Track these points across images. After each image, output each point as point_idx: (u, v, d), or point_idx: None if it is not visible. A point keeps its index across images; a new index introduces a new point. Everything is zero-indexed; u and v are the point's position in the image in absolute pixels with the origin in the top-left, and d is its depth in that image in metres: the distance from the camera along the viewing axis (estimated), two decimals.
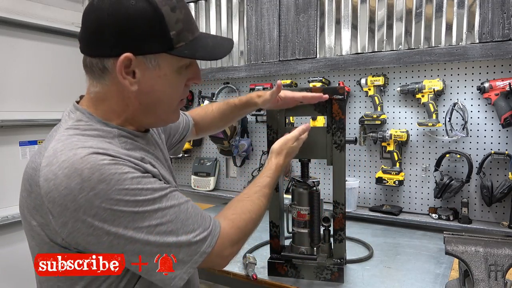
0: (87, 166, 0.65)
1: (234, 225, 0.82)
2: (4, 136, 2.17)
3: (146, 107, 0.79)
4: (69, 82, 2.50)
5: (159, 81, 0.76)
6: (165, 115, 0.83)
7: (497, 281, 0.97)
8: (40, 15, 2.35)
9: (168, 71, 0.76)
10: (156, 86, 0.76)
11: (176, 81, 0.78)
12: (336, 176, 1.23)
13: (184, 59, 0.77)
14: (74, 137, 0.72)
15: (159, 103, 0.79)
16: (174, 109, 0.83)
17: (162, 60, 0.74)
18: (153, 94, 0.77)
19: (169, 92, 0.79)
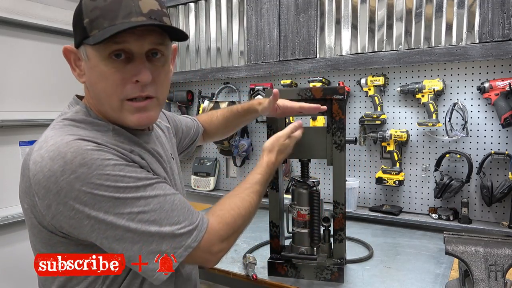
0: (70, 150, 0.67)
1: (222, 221, 0.80)
2: (4, 136, 2.17)
3: (97, 101, 0.78)
4: (69, 82, 2.49)
5: (92, 73, 0.75)
6: (114, 112, 0.77)
7: (497, 281, 0.97)
8: (40, 15, 2.35)
9: (95, 61, 0.73)
10: (91, 78, 0.76)
11: (105, 73, 0.73)
12: (336, 176, 1.23)
13: (107, 48, 0.71)
14: (67, 126, 0.74)
15: (100, 97, 0.76)
16: (118, 107, 0.76)
17: (88, 51, 0.74)
18: (93, 87, 0.77)
19: (102, 86, 0.74)
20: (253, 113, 1.24)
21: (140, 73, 0.73)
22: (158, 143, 0.92)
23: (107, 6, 0.71)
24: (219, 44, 2.36)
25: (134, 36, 0.71)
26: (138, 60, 0.73)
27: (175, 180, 0.95)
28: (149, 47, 0.74)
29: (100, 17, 0.70)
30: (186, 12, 2.46)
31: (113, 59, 0.72)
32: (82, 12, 0.73)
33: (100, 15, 0.70)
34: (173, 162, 0.99)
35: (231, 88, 2.35)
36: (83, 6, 0.73)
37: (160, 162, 0.88)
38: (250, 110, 1.24)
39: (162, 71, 0.79)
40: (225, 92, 2.41)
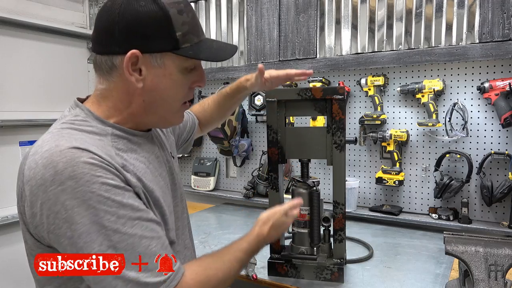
0: (63, 159, 0.66)
1: (196, 278, 0.77)
2: (4, 136, 2.17)
3: (149, 105, 0.80)
4: (69, 82, 2.51)
5: (164, 80, 0.78)
6: (167, 115, 0.84)
7: (497, 281, 0.97)
8: (40, 15, 2.35)
9: (173, 70, 0.78)
10: (161, 84, 0.78)
11: (180, 81, 0.80)
12: (336, 176, 1.23)
13: (189, 61, 0.79)
14: (65, 130, 0.74)
15: (162, 102, 0.80)
16: (176, 110, 0.84)
17: (167, 59, 0.77)
18: (157, 92, 0.79)
19: (172, 92, 0.80)
20: (243, 91, 1.24)
21: (203, 79, 0.85)
22: (157, 142, 0.92)
23: (191, 22, 0.78)
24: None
25: None
26: (201, 69, 0.84)
27: (174, 179, 0.95)
28: None
29: (190, 33, 0.78)
30: None
31: (186, 69, 0.80)
32: (171, 23, 0.75)
33: (189, 30, 0.78)
34: (173, 161, 0.98)
35: None
36: (172, 19, 0.75)
37: (162, 166, 0.89)
38: (240, 89, 1.23)
39: None
40: None
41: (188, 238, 1.00)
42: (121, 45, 0.74)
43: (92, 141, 0.72)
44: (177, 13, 0.76)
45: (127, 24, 0.74)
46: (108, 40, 0.75)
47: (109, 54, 0.76)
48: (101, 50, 0.78)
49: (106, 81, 0.79)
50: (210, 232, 1.77)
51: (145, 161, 0.82)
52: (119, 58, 0.75)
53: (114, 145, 0.77)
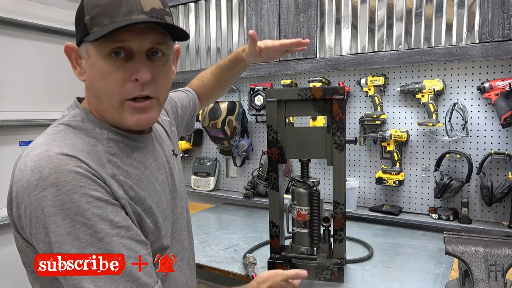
0: (49, 165, 0.65)
1: None
2: (4, 136, 2.17)
3: (96, 100, 0.77)
4: (69, 82, 2.49)
5: (92, 72, 0.74)
6: (114, 112, 0.75)
7: (497, 281, 0.97)
8: (40, 15, 2.35)
9: (95, 59, 0.72)
10: (92, 76, 0.74)
11: (105, 72, 0.72)
12: (336, 176, 1.23)
13: (104, 46, 0.70)
14: (60, 133, 0.73)
15: (100, 95, 0.74)
16: (117, 107, 0.74)
17: (89, 48, 0.73)
18: (93, 85, 0.75)
19: (101, 84, 0.73)
20: (241, 62, 1.21)
21: (140, 71, 0.72)
22: (157, 143, 0.91)
23: (108, 4, 0.70)
24: (219, 44, 2.36)
25: (134, 34, 0.70)
26: (138, 59, 0.72)
27: (174, 180, 0.93)
28: (149, 46, 0.73)
29: (101, 15, 0.70)
30: (186, 12, 2.46)
31: (112, 57, 0.71)
32: (83, 9, 0.72)
33: (101, 12, 0.70)
34: (174, 161, 0.97)
35: (231, 88, 2.35)
36: (84, 3, 0.72)
37: (160, 168, 0.87)
38: (237, 59, 1.21)
39: (163, 70, 0.77)
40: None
41: (186, 238, 0.98)
42: None
43: (84, 147, 0.71)
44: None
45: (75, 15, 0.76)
46: None
47: None
48: None
49: None
50: (210, 232, 1.77)
51: (140, 166, 0.80)
52: None
53: (108, 150, 0.75)
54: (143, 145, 0.84)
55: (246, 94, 2.26)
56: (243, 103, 2.28)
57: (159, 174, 0.86)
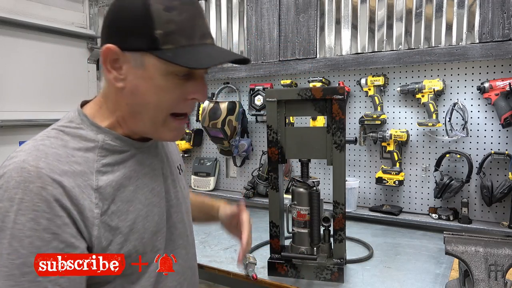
0: (16, 178, 0.62)
1: None
2: (4, 136, 2.17)
3: (132, 110, 0.74)
4: (69, 82, 2.50)
5: (144, 83, 0.71)
6: (153, 126, 0.75)
7: (497, 281, 0.97)
8: (40, 15, 2.35)
9: (155, 74, 0.70)
10: (141, 87, 0.71)
11: (164, 87, 0.71)
12: (336, 176, 1.23)
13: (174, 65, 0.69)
14: (49, 139, 0.70)
15: (144, 108, 0.73)
16: (162, 121, 0.74)
17: (148, 60, 0.69)
18: (138, 96, 0.72)
19: (154, 98, 0.71)
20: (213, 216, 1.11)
21: (200, 92, 0.74)
22: (163, 151, 0.87)
23: (183, 22, 0.69)
24: (219, 44, 2.35)
25: None
26: (200, 80, 0.74)
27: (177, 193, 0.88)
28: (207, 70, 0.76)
29: (177, 33, 0.68)
30: None
31: (175, 75, 0.71)
32: (151, 19, 0.67)
33: (177, 30, 0.68)
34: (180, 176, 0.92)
35: (231, 88, 2.35)
36: (153, 14, 0.67)
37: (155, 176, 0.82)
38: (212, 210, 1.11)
39: None
40: (225, 92, 2.41)
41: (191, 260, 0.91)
42: (105, 39, 0.71)
43: (68, 158, 0.68)
44: (163, 10, 0.67)
45: (110, 17, 0.71)
46: (102, 36, 0.73)
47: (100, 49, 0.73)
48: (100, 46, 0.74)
49: (104, 79, 0.76)
50: (210, 232, 1.77)
51: (133, 176, 0.76)
52: None
53: (99, 159, 0.72)
54: (141, 153, 0.80)
55: (246, 94, 2.26)
56: (243, 103, 2.28)
57: (155, 185, 0.81)
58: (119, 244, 0.71)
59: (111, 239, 0.70)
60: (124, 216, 0.72)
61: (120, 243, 0.71)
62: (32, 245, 0.60)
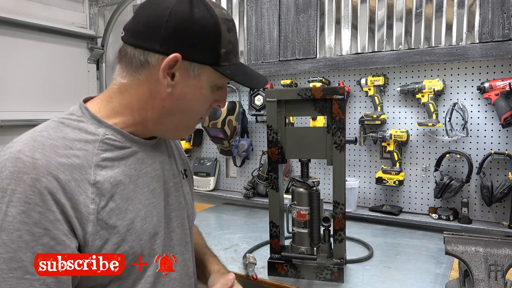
0: (10, 168, 0.61)
1: None
2: (4, 136, 2.17)
3: (167, 112, 0.77)
4: (69, 82, 2.50)
5: (193, 91, 0.76)
6: (181, 127, 0.82)
7: (497, 281, 0.97)
8: (40, 15, 2.35)
9: (205, 84, 0.77)
10: (189, 95, 0.77)
11: (207, 96, 0.79)
12: (336, 176, 1.23)
13: (221, 79, 0.78)
14: (47, 130, 0.69)
15: (183, 112, 0.78)
16: (192, 124, 0.84)
17: (204, 72, 0.76)
18: (183, 101, 0.77)
19: (197, 105, 0.79)
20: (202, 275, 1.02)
21: (224, 101, 0.85)
22: (166, 152, 0.87)
23: (234, 42, 0.79)
24: None
25: None
26: (225, 90, 0.84)
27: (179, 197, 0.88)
28: None
29: (231, 52, 0.77)
30: None
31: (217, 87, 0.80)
32: (219, 38, 0.75)
33: (231, 50, 0.77)
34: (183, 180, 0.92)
35: (231, 88, 2.35)
36: (221, 34, 0.75)
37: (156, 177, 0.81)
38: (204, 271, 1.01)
39: None
40: None
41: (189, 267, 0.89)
42: (163, 44, 0.71)
43: (66, 151, 0.67)
44: (227, 31, 0.75)
45: (177, 25, 0.71)
46: (150, 36, 0.72)
47: (146, 49, 0.73)
48: (138, 43, 0.73)
49: (130, 76, 0.75)
50: (210, 232, 1.77)
51: (133, 174, 0.75)
52: (156, 57, 0.72)
53: (99, 153, 0.71)
54: (144, 151, 0.80)
55: (246, 94, 2.26)
56: (243, 103, 2.28)
57: (157, 185, 0.81)
58: (116, 244, 0.70)
59: (108, 238, 0.69)
60: (122, 215, 0.71)
61: (117, 242, 0.70)
62: (21, 239, 0.59)
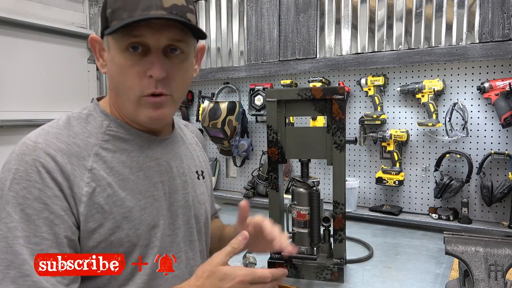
0: (17, 151, 0.68)
1: None
2: (4, 136, 2.17)
3: (114, 94, 0.78)
4: (69, 82, 2.50)
5: (111, 64, 0.74)
6: (129, 108, 0.76)
7: (497, 281, 0.97)
8: (40, 15, 2.35)
9: (114, 53, 0.73)
10: (111, 70, 0.75)
11: (122, 66, 0.72)
12: (336, 176, 1.23)
13: (122, 40, 0.70)
14: (57, 122, 0.75)
15: (117, 89, 0.76)
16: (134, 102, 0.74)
17: (109, 41, 0.74)
18: (113, 79, 0.76)
19: (119, 78, 0.74)
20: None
21: (153, 67, 0.71)
22: (182, 152, 0.88)
23: None
24: (219, 44, 2.36)
25: (151, 30, 0.70)
26: (154, 55, 0.72)
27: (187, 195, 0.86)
28: (166, 43, 0.72)
29: (121, 8, 0.70)
30: None
31: (130, 51, 0.71)
32: (107, 2, 0.73)
33: (121, 6, 0.70)
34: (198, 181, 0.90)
35: (231, 88, 2.35)
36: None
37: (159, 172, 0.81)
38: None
39: (180, 68, 0.76)
40: (225, 92, 2.41)
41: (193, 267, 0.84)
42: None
43: (69, 139, 0.72)
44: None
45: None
46: None
47: None
48: None
49: None
50: None
51: (134, 166, 0.77)
52: None
53: (101, 144, 0.75)
54: (151, 144, 0.82)
55: (246, 94, 2.26)
56: (243, 103, 2.28)
57: (160, 179, 0.81)
58: (111, 230, 0.71)
59: (102, 222, 0.71)
60: (120, 202, 0.73)
61: (112, 228, 0.72)
62: (23, 213, 0.64)
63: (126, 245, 0.73)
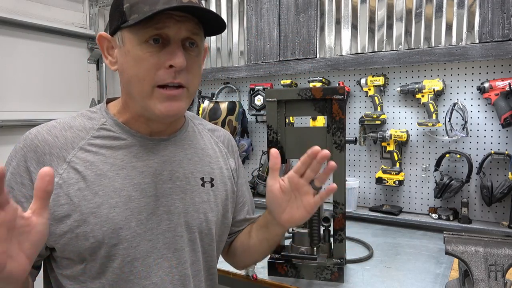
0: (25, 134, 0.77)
1: None
2: (4, 136, 2.17)
3: (126, 90, 0.78)
4: (69, 82, 2.50)
5: (125, 59, 0.74)
6: (142, 101, 0.75)
7: (497, 281, 0.97)
8: (40, 15, 2.35)
9: (130, 46, 0.73)
10: (125, 64, 0.75)
11: (139, 58, 0.72)
12: (336, 176, 1.23)
13: (143, 32, 0.71)
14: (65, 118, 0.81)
15: (130, 83, 0.75)
16: (147, 94, 0.73)
17: (124, 36, 0.74)
18: (125, 74, 0.76)
19: (134, 70, 0.73)
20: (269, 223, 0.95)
21: (175, 57, 0.71)
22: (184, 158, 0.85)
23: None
24: (219, 44, 2.36)
25: (173, 20, 0.71)
26: (174, 45, 0.72)
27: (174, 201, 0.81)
28: (186, 35, 0.73)
29: (141, 2, 0.70)
30: None
31: (149, 43, 0.71)
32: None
33: (138, 1, 0.71)
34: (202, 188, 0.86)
35: (231, 88, 2.35)
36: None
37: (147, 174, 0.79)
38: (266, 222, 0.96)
39: (196, 61, 0.77)
40: (225, 92, 2.41)
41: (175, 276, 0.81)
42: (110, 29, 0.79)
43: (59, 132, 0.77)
44: None
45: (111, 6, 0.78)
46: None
47: None
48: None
49: None
50: None
51: (117, 164, 0.76)
52: None
53: (89, 139, 0.78)
54: (144, 146, 0.80)
55: (246, 94, 2.26)
56: (243, 103, 2.28)
57: (144, 181, 0.78)
58: (76, 222, 0.72)
59: (69, 213, 0.72)
60: (90, 197, 0.73)
61: (78, 220, 0.72)
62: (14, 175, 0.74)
63: (91, 240, 0.73)
